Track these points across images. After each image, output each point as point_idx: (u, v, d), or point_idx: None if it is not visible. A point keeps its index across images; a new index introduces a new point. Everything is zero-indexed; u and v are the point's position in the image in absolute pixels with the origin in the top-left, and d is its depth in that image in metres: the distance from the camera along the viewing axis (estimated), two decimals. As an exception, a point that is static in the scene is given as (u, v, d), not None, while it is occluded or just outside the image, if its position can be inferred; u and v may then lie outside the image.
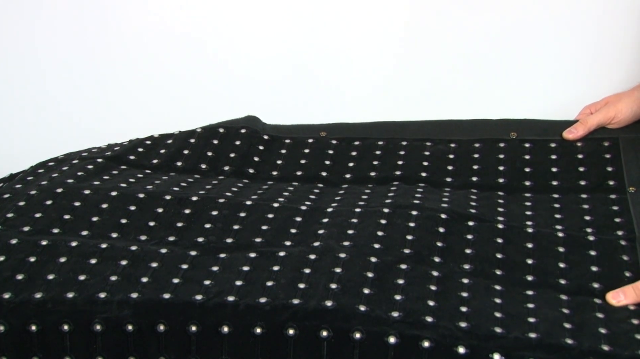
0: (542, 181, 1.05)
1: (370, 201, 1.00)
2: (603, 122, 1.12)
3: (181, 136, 1.17)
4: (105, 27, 1.54)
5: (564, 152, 1.09)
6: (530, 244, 0.90)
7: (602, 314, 0.80)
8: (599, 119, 1.12)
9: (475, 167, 1.08)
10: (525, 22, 1.38)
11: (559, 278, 0.86)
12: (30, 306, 0.79)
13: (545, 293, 0.83)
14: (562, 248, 0.90)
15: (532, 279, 0.85)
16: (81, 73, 1.56)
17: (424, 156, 1.11)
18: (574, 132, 1.11)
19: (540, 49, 1.38)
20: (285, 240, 0.90)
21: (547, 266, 0.87)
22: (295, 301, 0.78)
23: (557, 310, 0.80)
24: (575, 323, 0.78)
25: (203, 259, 0.87)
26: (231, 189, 1.03)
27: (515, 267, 0.87)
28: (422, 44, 1.46)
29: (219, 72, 1.54)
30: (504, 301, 0.81)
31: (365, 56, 1.49)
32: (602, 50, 1.36)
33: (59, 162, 1.12)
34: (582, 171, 1.05)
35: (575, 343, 0.74)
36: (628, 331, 0.77)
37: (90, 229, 0.92)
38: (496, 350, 0.74)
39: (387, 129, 1.18)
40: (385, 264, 0.85)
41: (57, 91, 1.58)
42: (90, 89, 1.58)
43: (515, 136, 1.12)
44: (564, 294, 0.83)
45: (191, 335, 0.78)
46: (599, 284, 0.85)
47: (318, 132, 1.18)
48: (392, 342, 0.75)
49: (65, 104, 1.59)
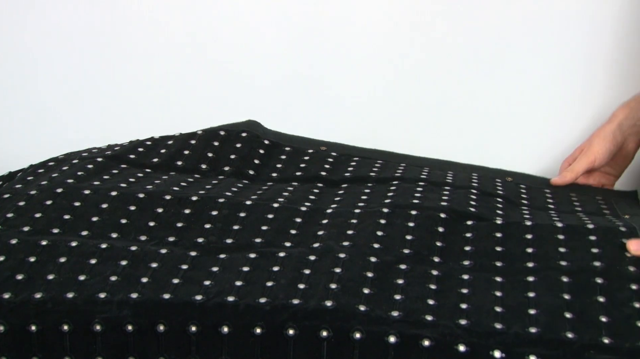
0: (539, 204, 1.07)
1: (369, 201, 1.00)
2: (587, 167, 1.16)
3: (182, 137, 1.17)
4: (107, 29, 1.54)
5: (560, 193, 1.11)
6: (529, 236, 0.91)
7: (603, 297, 0.80)
8: (583, 165, 1.16)
9: (474, 182, 1.09)
10: (530, 19, 1.39)
11: (559, 260, 0.86)
12: (30, 306, 0.79)
13: (546, 276, 0.83)
14: (562, 236, 0.90)
15: (533, 265, 0.86)
16: (82, 74, 1.56)
17: (423, 170, 1.13)
18: (562, 178, 1.15)
19: (545, 55, 1.39)
20: (285, 241, 0.90)
21: (547, 252, 0.88)
22: (295, 301, 0.78)
23: (558, 296, 0.80)
24: (575, 311, 0.78)
25: (203, 259, 0.87)
26: (231, 189, 1.03)
27: (515, 257, 0.87)
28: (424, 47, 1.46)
29: (221, 76, 1.54)
30: (505, 293, 0.81)
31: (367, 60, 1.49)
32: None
33: (59, 162, 1.12)
34: (576, 205, 1.07)
35: (575, 336, 0.75)
36: (629, 317, 0.77)
37: (90, 229, 0.92)
38: (496, 347, 0.74)
39: (386, 154, 1.20)
40: (385, 264, 0.85)
41: (58, 91, 1.58)
42: (91, 90, 1.57)
43: (511, 180, 1.16)
44: (565, 276, 0.83)
45: (191, 335, 0.78)
46: (600, 262, 0.85)
47: (318, 146, 1.19)
48: (392, 341, 0.75)
49: (65, 105, 1.59)
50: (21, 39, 1.55)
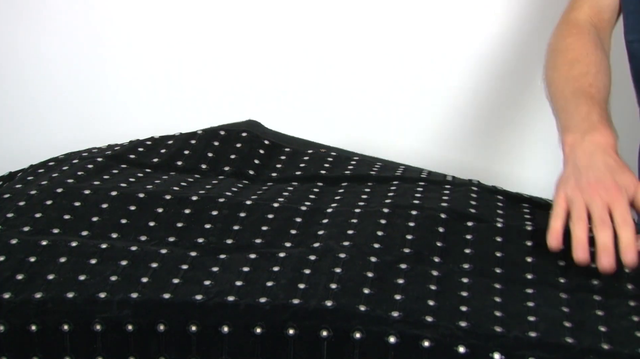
0: (539, 200, 1.06)
1: (370, 200, 1.00)
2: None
3: (182, 137, 1.17)
4: (108, 29, 1.54)
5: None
6: (529, 242, 0.91)
7: (602, 311, 0.80)
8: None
9: (474, 179, 1.08)
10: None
11: (558, 276, 0.86)
12: (30, 306, 0.79)
13: (545, 291, 0.83)
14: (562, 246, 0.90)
15: (532, 277, 0.86)
16: (82, 75, 1.57)
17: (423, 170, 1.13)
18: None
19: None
20: (285, 241, 0.90)
21: (546, 265, 0.87)
22: (296, 301, 0.78)
23: (557, 309, 0.80)
24: (575, 321, 0.78)
25: (203, 259, 0.87)
26: (231, 189, 1.03)
27: (515, 266, 0.87)
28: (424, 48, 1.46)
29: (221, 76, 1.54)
30: (504, 300, 0.81)
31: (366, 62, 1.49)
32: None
33: (59, 162, 1.12)
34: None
35: (575, 341, 0.74)
36: (628, 328, 0.77)
37: (90, 230, 0.92)
38: (496, 349, 0.74)
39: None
40: (385, 264, 0.85)
41: (58, 91, 1.58)
42: (92, 91, 1.58)
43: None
44: (563, 293, 0.83)
45: (191, 335, 0.78)
46: (598, 281, 0.85)
47: (318, 148, 1.19)
48: (392, 342, 0.75)
49: (65, 105, 1.59)
50: (21, 39, 1.55)
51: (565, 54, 1.07)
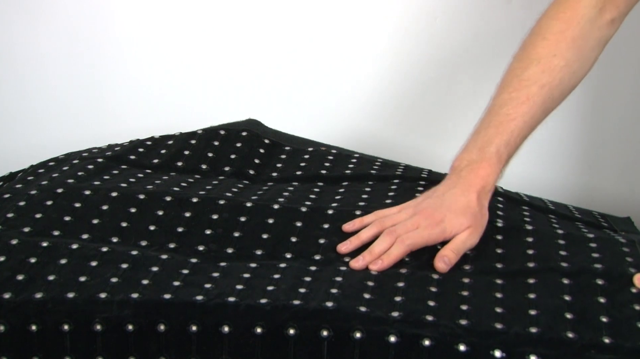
0: (539, 203, 1.06)
1: (370, 200, 1.00)
2: None
3: (182, 137, 1.17)
4: (108, 29, 1.54)
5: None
6: (530, 238, 0.91)
7: (604, 298, 0.80)
8: None
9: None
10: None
11: (560, 261, 0.86)
12: (31, 306, 0.79)
13: (546, 278, 0.83)
14: (562, 241, 0.91)
15: (534, 265, 0.86)
16: (82, 74, 1.57)
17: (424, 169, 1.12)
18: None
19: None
20: (286, 251, 0.90)
21: (548, 253, 0.88)
22: (296, 301, 0.78)
23: (559, 298, 0.80)
24: (576, 311, 0.78)
25: (203, 266, 0.86)
26: (231, 190, 1.02)
27: (516, 258, 0.88)
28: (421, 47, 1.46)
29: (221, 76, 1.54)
30: (505, 294, 0.81)
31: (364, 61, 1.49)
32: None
33: (59, 162, 1.12)
34: (575, 213, 1.07)
35: (576, 336, 0.74)
36: (630, 318, 0.77)
37: (90, 232, 0.92)
38: (497, 347, 0.74)
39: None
40: (385, 273, 0.85)
41: (58, 91, 1.58)
42: (92, 90, 1.58)
43: None
44: (565, 278, 0.83)
45: (191, 335, 0.77)
46: (600, 265, 0.85)
47: (318, 147, 1.18)
48: (393, 341, 0.75)
49: (65, 105, 1.59)
50: (21, 39, 1.55)
51: (534, 45, 0.97)
